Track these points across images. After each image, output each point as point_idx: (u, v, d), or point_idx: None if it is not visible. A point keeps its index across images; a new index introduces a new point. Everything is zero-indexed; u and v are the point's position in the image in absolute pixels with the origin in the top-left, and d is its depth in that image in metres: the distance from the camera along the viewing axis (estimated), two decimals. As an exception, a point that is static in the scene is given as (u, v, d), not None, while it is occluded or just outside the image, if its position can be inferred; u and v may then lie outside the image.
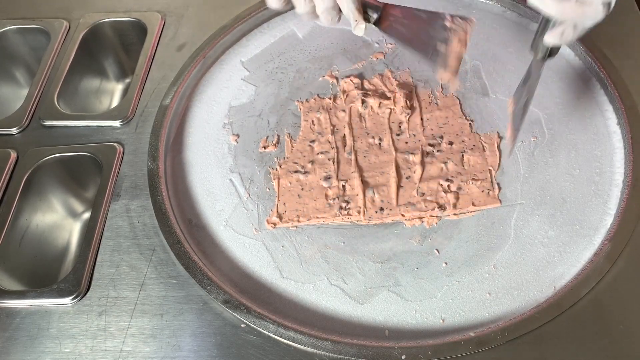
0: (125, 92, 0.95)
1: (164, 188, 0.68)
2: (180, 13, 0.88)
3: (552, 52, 0.57)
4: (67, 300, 0.60)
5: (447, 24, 0.59)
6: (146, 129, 0.74)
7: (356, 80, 0.76)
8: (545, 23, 0.54)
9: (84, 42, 0.86)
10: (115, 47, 0.91)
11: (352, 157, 0.69)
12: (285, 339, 0.56)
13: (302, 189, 0.67)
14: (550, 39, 0.53)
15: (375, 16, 0.58)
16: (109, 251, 0.64)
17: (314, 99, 0.76)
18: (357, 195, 0.66)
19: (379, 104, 0.73)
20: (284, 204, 0.66)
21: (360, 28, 0.58)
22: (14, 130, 0.76)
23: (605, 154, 0.67)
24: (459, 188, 0.66)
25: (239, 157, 0.71)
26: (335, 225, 0.65)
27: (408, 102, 0.73)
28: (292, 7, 0.59)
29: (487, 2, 0.83)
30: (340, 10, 0.57)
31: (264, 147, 0.72)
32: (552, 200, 0.64)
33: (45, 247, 0.75)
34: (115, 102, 0.94)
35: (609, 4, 0.49)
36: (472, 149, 0.69)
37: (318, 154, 0.70)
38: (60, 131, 0.76)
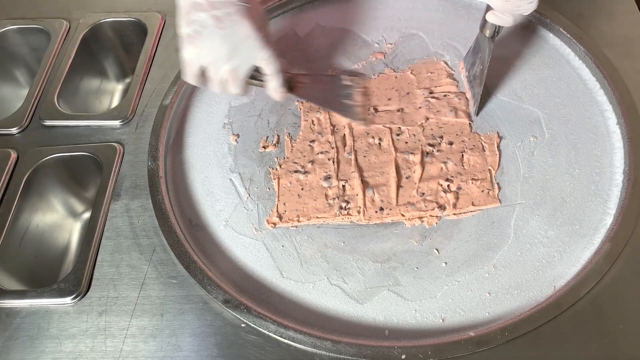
0: (125, 92, 0.95)
1: (164, 188, 0.68)
2: (180, 13, 0.88)
3: (498, 31, 0.67)
4: (68, 300, 0.61)
5: (345, 82, 0.72)
6: (146, 129, 0.74)
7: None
8: (489, 7, 0.64)
9: (84, 42, 0.86)
10: (116, 47, 0.91)
11: (352, 157, 0.69)
12: (285, 338, 0.56)
13: (302, 189, 0.67)
14: (491, 18, 0.65)
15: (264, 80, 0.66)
16: (109, 251, 0.64)
17: (314, 99, 0.76)
18: (357, 195, 0.66)
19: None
20: (284, 203, 0.66)
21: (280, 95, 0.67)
22: (14, 130, 0.76)
23: (605, 154, 0.67)
24: (459, 188, 0.66)
25: (239, 157, 0.71)
26: (335, 225, 0.65)
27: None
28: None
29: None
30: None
31: (264, 147, 0.72)
32: (552, 200, 0.64)
33: (46, 247, 0.76)
34: (115, 102, 0.94)
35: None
36: (472, 148, 0.69)
37: (318, 153, 0.70)
38: (61, 131, 0.76)
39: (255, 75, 0.65)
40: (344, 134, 0.71)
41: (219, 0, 0.60)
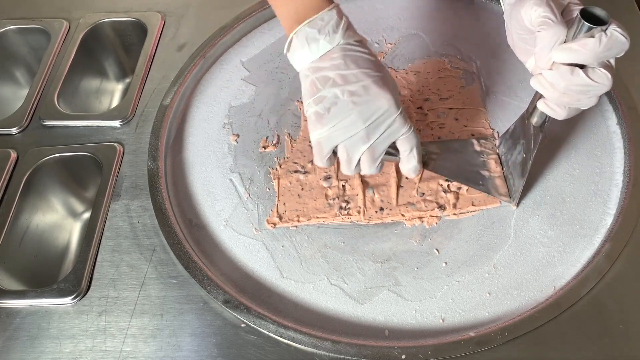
0: (125, 92, 0.95)
1: (164, 188, 0.68)
2: (181, 13, 0.88)
3: (548, 120, 0.57)
4: (68, 300, 0.61)
5: (477, 147, 0.67)
6: (146, 129, 0.74)
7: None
8: (540, 95, 0.54)
9: (84, 42, 0.86)
10: (116, 47, 0.91)
11: (352, 157, 0.69)
12: (285, 338, 0.56)
13: (302, 189, 0.67)
14: (542, 107, 0.54)
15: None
16: (109, 251, 0.64)
17: (314, 99, 0.76)
18: (357, 195, 0.66)
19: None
20: (284, 203, 0.66)
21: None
22: (14, 130, 0.76)
23: (605, 154, 0.67)
24: (459, 188, 0.66)
25: (239, 157, 0.71)
26: (335, 225, 0.65)
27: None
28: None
29: (487, 1, 0.83)
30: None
31: (264, 147, 0.72)
32: (552, 200, 0.64)
33: (46, 247, 0.75)
34: (115, 102, 0.94)
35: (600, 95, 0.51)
36: (472, 148, 0.69)
37: (318, 153, 0.70)
38: (61, 131, 0.76)
39: (388, 151, 0.58)
40: (344, 134, 0.71)
41: (353, 73, 0.54)
